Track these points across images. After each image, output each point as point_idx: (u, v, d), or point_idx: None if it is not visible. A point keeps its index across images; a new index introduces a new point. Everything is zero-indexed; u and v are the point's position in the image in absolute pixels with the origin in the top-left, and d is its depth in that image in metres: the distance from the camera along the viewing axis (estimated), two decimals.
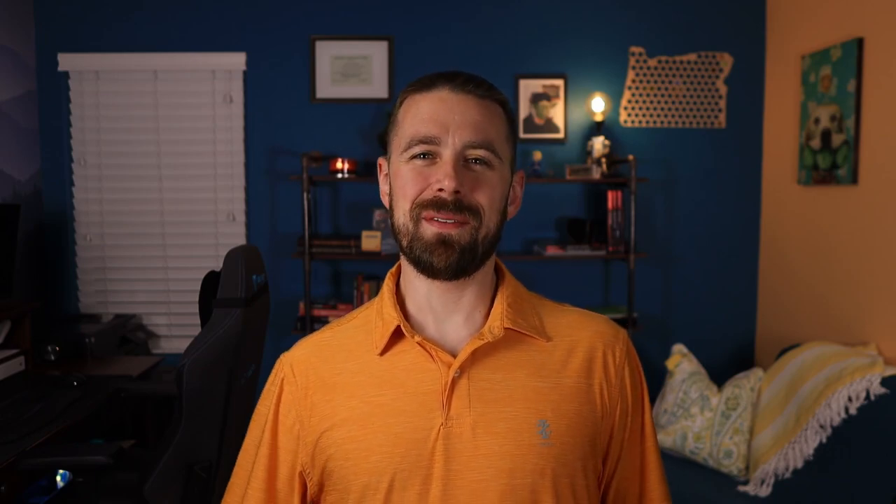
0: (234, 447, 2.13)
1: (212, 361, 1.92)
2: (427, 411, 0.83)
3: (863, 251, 2.57)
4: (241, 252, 2.02)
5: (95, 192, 3.23)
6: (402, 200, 0.85)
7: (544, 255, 3.08)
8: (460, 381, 0.84)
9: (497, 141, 0.85)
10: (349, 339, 0.91)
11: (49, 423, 2.00)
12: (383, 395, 0.85)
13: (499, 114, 0.86)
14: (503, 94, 0.89)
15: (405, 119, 0.85)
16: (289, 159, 3.23)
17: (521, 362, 0.86)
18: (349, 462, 0.84)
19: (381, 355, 0.87)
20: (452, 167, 0.81)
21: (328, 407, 0.87)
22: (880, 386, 2.13)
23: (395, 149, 0.87)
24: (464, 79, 0.85)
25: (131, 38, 3.18)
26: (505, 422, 0.83)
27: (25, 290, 3.05)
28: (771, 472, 2.32)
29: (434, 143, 0.82)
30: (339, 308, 3.15)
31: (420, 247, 0.83)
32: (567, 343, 0.89)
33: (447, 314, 0.88)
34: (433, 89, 0.85)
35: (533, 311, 0.91)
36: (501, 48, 3.22)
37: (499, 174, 0.85)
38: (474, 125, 0.83)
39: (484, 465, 0.82)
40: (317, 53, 3.20)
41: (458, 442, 0.82)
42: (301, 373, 0.91)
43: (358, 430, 0.84)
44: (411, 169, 0.84)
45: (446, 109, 0.83)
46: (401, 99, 0.88)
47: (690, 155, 3.28)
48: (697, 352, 2.97)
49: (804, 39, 2.92)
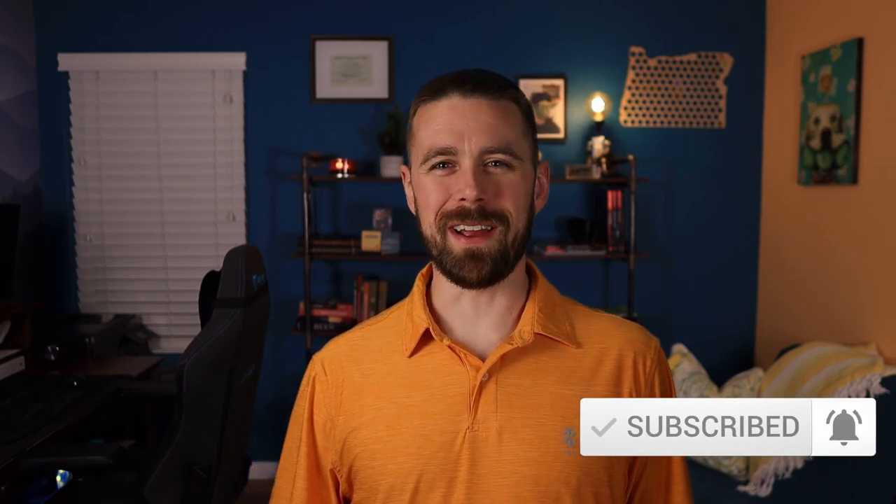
0: (233, 447, 2.13)
1: (212, 361, 1.92)
2: (454, 414, 0.83)
3: (863, 251, 2.57)
4: (241, 252, 2.02)
5: (95, 192, 3.23)
6: (427, 212, 0.85)
7: (544, 256, 3.08)
8: (488, 385, 0.84)
9: (514, 141, 0.84)
10: (380, 338, 0.91)
11: (49, 423, 1.99)
12: (411, 397, 0.85)
13: (513, 111, 0.85)
14: (515, 87, 0.88)
15: (420, 130, 0.86)
16: (289, 159, 3.23)
17: (550, 368, 0.86)
18: (376, 462, 0.84)
19: (410, 357, 0.87)
20: (472, 175, 0.81)
21: (356, 406, 0.87)
22: (880, 386, 2.13)
23: (414, 160, 0.87)
24: (473, 83, 0.84)
25: (131, 38, 3.18)
26: (531, 428, 0.82)
27: (25, 290, 3.05)
28: (771, 472, 2.32)
29: (451, 154, 0.82)
30: (339, 308, 3.15)
31: (450, 261, 0.84)
32: (597, 350, 0.88)
33: (478, 317, 0.88)
34: (443, 97, 0.84)
35: (564, 316, 0.90)
36: (501, 48, 3.22)
37: (520, 173, 0.84)
38: (489, 129, 0.82)
39: (508, 471, 0.81)
40: (317, 53, 3.20)
41: (483, 446, 0.82)
42: (332, 371, 0.91)
43: (385, 431, 0.84)
44: (432, 180, 0.84)
45: (459, 117, 0.82)
46: (413, 108, 0.88)
47: (690, 155, 3.28)
48: (697, 352, 2.97)
49: (804, 39, 2.92)
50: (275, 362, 3.26)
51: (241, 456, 2.29)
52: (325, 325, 3.12)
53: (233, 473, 2.21)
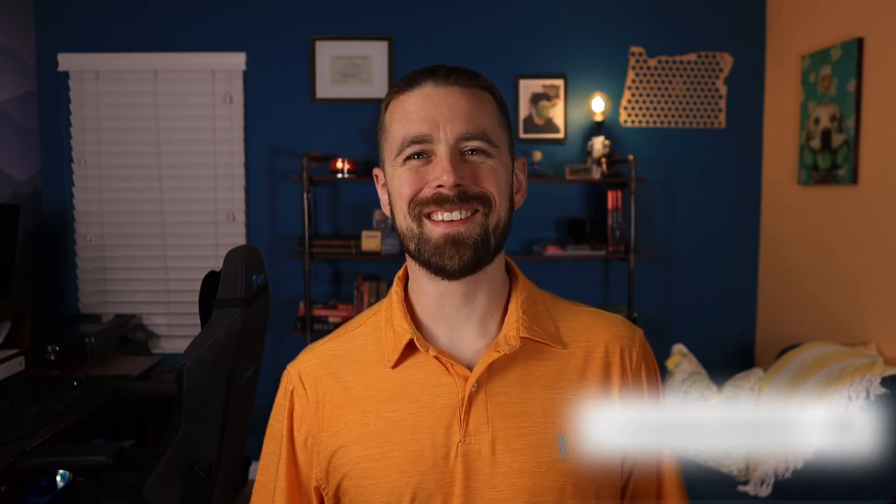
0: (233, 447, 2.13)
1: (212, 361, 1.92)
2: (444, 427, 0.81)
3: (863, 251, 2.56)
4: (241, 252, 2.02)
5: (95, 192, 3.23)
6: (401, 202, 0.82)
7: (544, 256, 3.08)
8: (478, 395, 0.81)
9: (490, 128, 0.81)
10: (358, 347, 0.88)
11: (49, 423, 1.99)
12: (399, 411, 0.82)
13: (487, 100, 0.83)
14: (488, 80, 0.85)
15: (393, 123, 0.82)
16: (289, 159, 3.23)
17: (538, 373, 0.84)
18: (367, 481, 0.82)
19: (393, 368, 0.84)
20: (449, 161, 0.78)
21: (340, 423, 0.84)
22: (880, 386, 2.13)
23: (387, 155, 0.84)
24: (446, 70, 0.81)
25: (131, 38, 3.18)
26: (524, 437, 0.81)
27: (25, 290, 3.05)
28: (771, 472, 2.32)
29: (427, 142, 0.79)
30: (339, 308, 3.15)
31: (429, 249, 0.80)
32: (583, 349, 0.86)
33: (460, 320, 0.85)
34: (416, 87, 0.81)
35: (547, 314, 0.88)
36: (501, 48, 3.22)
37: (499, 160, 0.82)
38: (464, 116, 0.79)
39: (504, 483, 0.80)
40: (317, 53, 3.20)
41: (476, 459, 0.80)
42: (311, 385, 0.87)
43: (375, 448, 0.82)
44: (406, 170, 0.81)
45: (433, 105, 0.79)
46: (385, 103, 0.85)
47: (690, 155, 3.28)
48: (697, 352, 2.97)
49: (804, 39, 2.92)
50: (275, 362, 3.26)
51: (241, 456, 2.29)
52: (325, 325, 3.12)
53: (233, 473, 2.21)
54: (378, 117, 0.87)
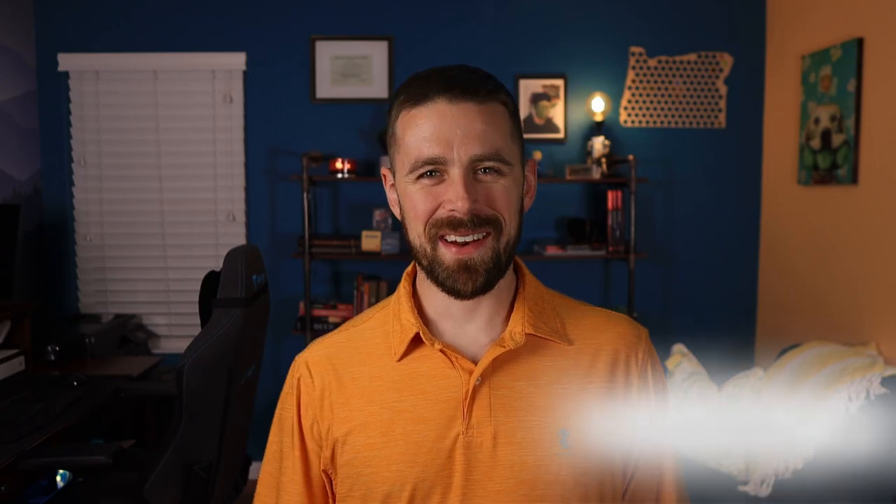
0: (233, 447, 2.13)
1: (212, 361, 1.92)
2: (448, 419, 0.82)
3: (863, 251, 2.56)
4: (241, 252, 2.02)
5: (95, 192, 3.23)
6: (415, 222, 0.82)
7: (544, 255, 3.08)
8: (481, 389, 0.83)
9: (504, 146, 0.81)
10: (366, 340, 0.90)
11: (49, 423, 1.99)
12: (403, 402, 0.84)
13: (501, 113, 0.82)
14: (500, 85, 0.84)
15: (405, 137, 0.82)
16: (289, 159, 3.23)
17: (542, 369, 0.85)
18: (369, 469, 0.83)
19: (399, 361, 0.86)
20: (463, 187, 0.78)
21: (345, 411, 0.86)
22: (880, 386, 2.13)
23: (399, 167, 0.84)
24: (461, 88, 0.80)
25: (131, 38, 3.18)
26: (525, 431, 0.82)
27: (25, 290, 3.05)
28: (771, 472, 2.32)
29: (440, 163, 0.79)
30: (339, 308, 3.15)
31: (442, 273, 0.81)
32: (590, 347, 0.87)
33: (467, 318, 0.86)
34: (429, 101, 0.80)
35: (554, 312, 0.89)
36: (501, 48, 3.22)
37: (511, 178, 0.82)
38: (479, 137, 0.79)
39: (504, 476, 0.81)
40: (317, 53, 3.20)
41: (478, 452, 0.81)
42: (318, 374, 0.89)
43: (378, 437, 0.83)
44: (420, 189, 0.81)
45: (447, 125, 0.79)
46: (396, 111, 0.84)
47: (690, 155, 3.28)
48: (697, 352, 2.97)
49: (804, 39, 2.92)
50: (275, 362, 3.26)
51: (241, 456, 2.29)
52: (325, 325, 3.12)
53: (233, 473, 2.21)
54: (384, 119, 0.87)
